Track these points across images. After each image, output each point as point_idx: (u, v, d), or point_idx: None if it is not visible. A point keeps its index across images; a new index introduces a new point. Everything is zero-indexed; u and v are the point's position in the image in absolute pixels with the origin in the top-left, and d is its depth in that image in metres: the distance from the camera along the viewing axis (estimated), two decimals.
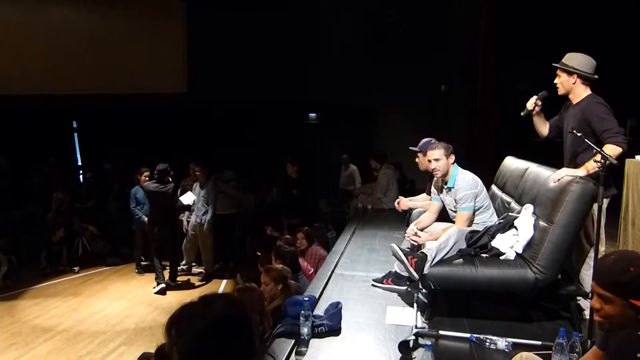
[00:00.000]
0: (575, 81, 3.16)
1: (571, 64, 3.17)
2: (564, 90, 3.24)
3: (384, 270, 3.99)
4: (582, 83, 3.17)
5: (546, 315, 3.22)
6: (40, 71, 10.37)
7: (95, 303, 6.51)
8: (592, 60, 3.18)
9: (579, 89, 3.18)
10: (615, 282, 1.56)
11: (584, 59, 3.17)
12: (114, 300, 6.77)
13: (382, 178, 7.40)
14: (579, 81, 3.16)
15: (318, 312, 3.22)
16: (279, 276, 3.78)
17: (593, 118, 3.07)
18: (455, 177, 3.66)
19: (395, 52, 9.78)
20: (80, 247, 8.44)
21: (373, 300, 3.58)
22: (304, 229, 5.89)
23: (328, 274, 4.15)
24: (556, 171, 3.10)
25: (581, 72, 3.14)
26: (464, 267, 3.10)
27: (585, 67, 3.15)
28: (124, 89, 10.22)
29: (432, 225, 3.87)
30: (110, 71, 10.26)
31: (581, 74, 3.14)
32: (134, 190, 7.64)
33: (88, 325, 5.87)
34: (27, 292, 7.01)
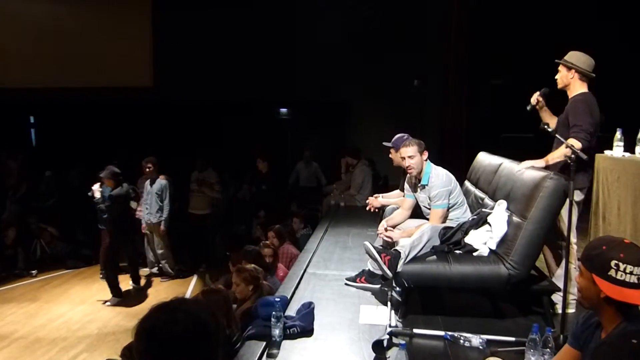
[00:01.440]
0: (573, 76, 3.35)
1: (571, 60, 3.37)
2: (562, 84, 3.43)
3: (357, 269, 4.00)
4: (579, 79, 3.35)
5: (519, 311, 3.29)
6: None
7: (55, 308, 6.34)
8: (591, 60, 3.37)
9: (575, 85, 3.37)
10: (587, 255, 1.70)
11: (583, 57, 3.36)
12: (75, 305, 6.59)
13: (358, 175, 7.41)
14: (577, 77, 3.35)
15: (290, 313, 3.20)
16: (250, 277, 3.75)
17: (571, 112, 3.27)
18: (429, 174, 3.69)
19: (369, 47, 9.86)
20: (38, 249, 8.20)
21: (346, 299, 3.59)
22: (274, 227, 5.86)
23: (300, 273, 4.14)
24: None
25: (579, 68, 3.32)
26: (437, 264, 3.13)
27: (583, 65, 3.34)
28: (87, 83, 10.00)
29: (405, 222, 3.89)
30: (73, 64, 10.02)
31: (579, 70, 3.32)
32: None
33: (47, 331, 5.71)
34: None
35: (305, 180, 8.90)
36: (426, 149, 3.72)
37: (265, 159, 8.43)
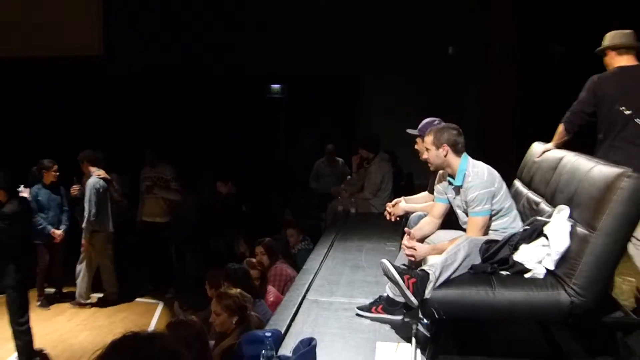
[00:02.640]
0: (609, 55, 4.09)
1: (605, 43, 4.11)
2: (610, 66, 4.09)
3: (372, 295, 4.00)
4: (616, 56, 4.05)
5: (585, 350, 3.27)
6: None
7: None
8: (623, 32, 4.05)
9: (612, 63, 4.08)
10: None
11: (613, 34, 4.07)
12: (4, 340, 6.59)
13: (375, 173, 7.36)
14: (613, 54, 4.07)
15: (284, 352, 3.21)
16: (235, 305, 3.77)
17: None
18: (465, 172, 3.65)
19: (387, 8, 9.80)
20: None
21: (358, 334, 3.59)
22: (264, 241, 5.88)
23: (298, 300, 4.14)
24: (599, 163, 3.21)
25: (611, 45, 4.06)
26: (478, 288, 3.11)
27: (613, 41, 4.06)
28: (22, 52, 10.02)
29: (436, 233, 3.88)
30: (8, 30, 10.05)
31: (612, 47, 4.05)
32: (35, 191, 7.46)
33: None
34: None
35: (329, 183, 8.69)
36: (459, 139, 3.69)
37: (227, 180, 8.48)
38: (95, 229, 7.46)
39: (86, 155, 7.50)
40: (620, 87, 3.92)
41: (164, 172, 8.11)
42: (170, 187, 8.12)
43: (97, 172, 7.41)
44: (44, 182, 7.50)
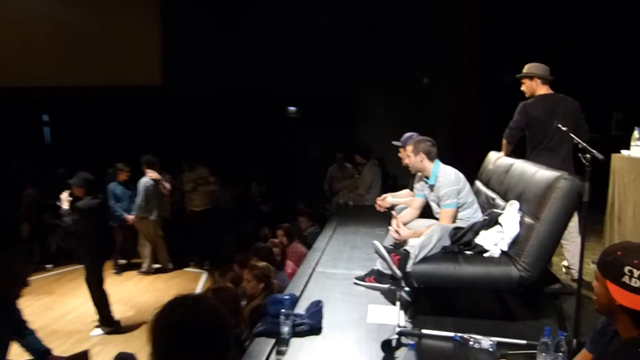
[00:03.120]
0: (537, 83, 4.02)
1: (531, 71, 4.04)
2: (529, 92, 4.06)
3: (366, 268, 3.94)
4: (541, 84, 4.01)
5: (531, 313, 3.21)
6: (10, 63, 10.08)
7: (70, 302, 6.36)
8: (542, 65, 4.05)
9: (537, 89, 4.02)
10: (601, 260, 1.64)
11: (540, 66, 4.05)
12: (88, 299, 6.57)
13: (367, 174, 7.32)
14: (539, 82, 4.01)
15: (299, 311, 3.16)
16: (262, 274, 3.72)
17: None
18: (437, 173, 3.64)
19: (378, 44, 9.75)
20: (53, 244, 8.24)
21: (355, 298, 3.53)
22: (284, 225, 5.82)
23: (309, 271, 4.09)
24: (541, 168, 3.16)
25: (540, 74, 3.98)
26: (447, 264, 3.06)
27: (542, 71, 4.01)
28: (98, 82, 10.01)
29: (415, 221, 3.83)
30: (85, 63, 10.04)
31: (540, 76, 3.98)
32: (112, 186, 7.47)
33: (62, 324, 5.73)
34: None
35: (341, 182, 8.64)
36: (432, 148, 3.68)
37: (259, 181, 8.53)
38: (143, 216, 7.42)
39: (144, 159, 7.46)
40: (546, 110, 3.91)
41: (201, 172, 8.04)
42: (210, 182, 8.05)
43: (150, 173, 7.34)
44: (119, 180, 7.50)
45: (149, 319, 1.37)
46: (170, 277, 7.54)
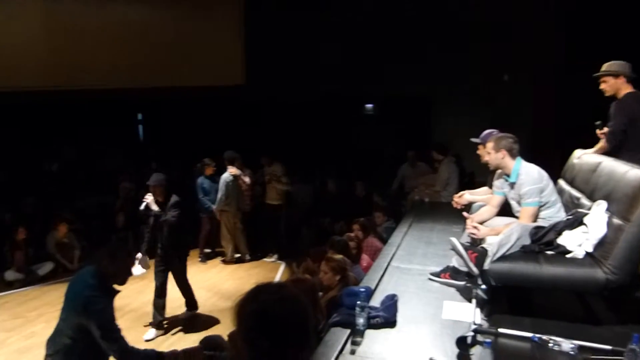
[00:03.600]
0: (622, 81, 3.85)
1: (612, 68, 3.88)
2: (611, 91, 3.90)
3: (441, 264, 3.89)
4: (625, 82, 3.86)
5: (618, 318, 3.02)
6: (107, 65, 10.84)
7: None
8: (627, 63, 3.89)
9: (621, 88, 3.87)
10: None
11: (622, 63, 3.88)
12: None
13: (443, 171, 7.18)
14: (623, 81, 3.85)
15: (374, 304, 3.18)
16: (338, 267, 3.78)
17: (611, 115, 3.90)
18: (518, 171, 3.51)
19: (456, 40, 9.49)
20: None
21: (430, 294, 3.50)
22: (360, 220, 5.85)
23: (384, 266, 4.09)
24: (633, 167, 2.97)
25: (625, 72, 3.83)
26: (527, 264, 2.96)
27: (625, 69, 3.85)
28: (186, 82, 10.50)
29: (493, 219, 3.72)
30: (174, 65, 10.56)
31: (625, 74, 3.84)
32: (200, 180, 7.85)
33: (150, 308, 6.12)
34: None
35: (414, 184, 8.42)
36: (513, 146, 3.55)
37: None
38: (224, 209, 7.71)
39: (226, 155, 7.74)
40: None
41: (276, 170, 8.23)
42: (281, 181, 8.22)
43: (231, 169, 7.63)
44: (206, 174, 7.86)
45: (231, 305, 1.42)
46: (250, 267, 7.82)
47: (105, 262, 3.11)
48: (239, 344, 1.40)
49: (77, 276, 3.20)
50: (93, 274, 3.11)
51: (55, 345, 3.07)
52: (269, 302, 1.37)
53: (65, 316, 3.06)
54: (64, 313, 3.08)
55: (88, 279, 3.08)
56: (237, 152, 7.83)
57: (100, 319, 2.98)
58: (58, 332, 3.09)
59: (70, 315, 3.02)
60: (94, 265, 3.15)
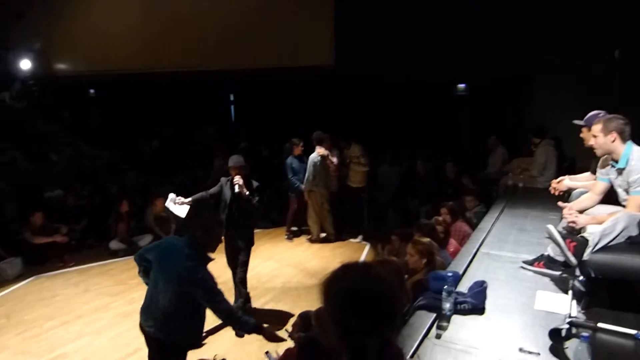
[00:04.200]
0: None
1: None
2: None
3: (534, 253, 3.73)
4: None
5: None
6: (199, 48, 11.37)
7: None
8: None
9: None
10: None
11: None
12: (264, 260, 7.33)
13: (540, 155, 6.78)
14: None
15: (461, 289, 3.14)
16: (424, 250, 3.76)
17: None
18: (629, 156, 3.22)
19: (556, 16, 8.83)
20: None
21: (521, 283, 3.38)
22: (448, 204, 5.75)
23: (473, 251, 4.01)
24: None
25: None
26: (633, 256, 2.76)
27: None
28: (276, 64, 10.74)
29: (596, 207, 3.48)
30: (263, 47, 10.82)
31: None
32: (289, 160, 8.06)
33: None
34: None
35: (491, 168, 8.28)
36: (625, 128, 3.26)
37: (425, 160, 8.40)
38: (312, 190, 7.85)
39: (315, 135, 7.85)
40: None
41: (354, 151, 8.25)
42: (360, 162, 8.21)
43: (318, 149, 7.74)
44: (294, 154, 8.06)
45: (317, 282, 1.45)
46: (335, 247, 7.97)
47: (199, 233, 3.35)
48: (326, 321, 1.44)
49: (169, 248, 3.41)
50: (188, 244, 3.36)
51: (153, 313, 3.33)
52: (358, 281, 1.39)
53: (164, 286, 3.29)
54: (162, 284, 3.31)
55: (185, 250, 3.33)
56: (325, 132, 7.93)
57: (206, 285, 3.23)
58: (154, 301, 3.33)
59: (171, 285, 3.26)
60: (187, 236, 3.40)
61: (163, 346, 3.34)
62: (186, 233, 3.46)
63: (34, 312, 5.71)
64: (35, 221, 7.37)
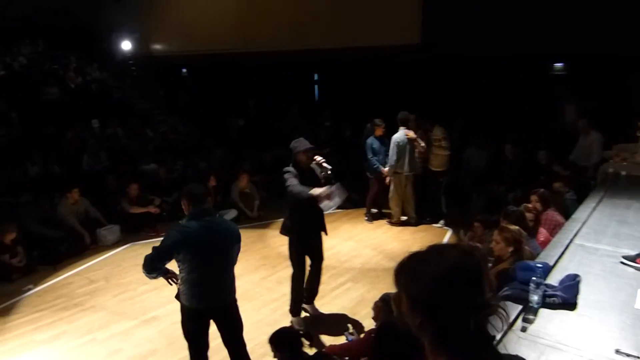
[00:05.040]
0: None
1: None
2: None
3: (637, 248, 3.43)
4: None
5: None
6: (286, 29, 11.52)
7: (328, 241, 6.98)
8: None
9: None
10: None
11: None
12: (343, 240, 7.39)
13: None
14: None
15: (551, 282, 2.96)
16: (512, 238, 3.59)
17: None
18: None
19: None
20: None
21: (620, 279, 3.12)
22: (539, 191, 5.42)
23: (566, 242, 3.75)
24: None
25: None
26: None
27: None
28: (359, 42, 10.61)
29: None
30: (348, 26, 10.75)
31: None
32: (370, 141, 7.97)
33: None
34: (274, 223, 8.13)
35: (580, 155, 7.72)
36: None
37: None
38: (396, 171, 7.71)
39: (399, 116, 7.67)
40: None
41: (436, 134, 7.96)
42: (442, 146, 7.93)
43: (404, 130, 7.58)
44: (375, 135, 7.96)
45: (395, 265, 1.39)
46: (416, 230, 7.85)
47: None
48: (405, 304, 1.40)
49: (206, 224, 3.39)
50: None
51: (220, 285, 3.55)
52: (451, 260, 1.35)
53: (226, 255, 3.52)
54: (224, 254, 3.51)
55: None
56: (410, 113, 7.76)
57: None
58: (219, 275, 3.52)
59: (234, 247, 3.56)
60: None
61: (234, 304, 3.65)
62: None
63: (129, 277, 6.18)
64: (132, 192, 7.92)
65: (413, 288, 1.35)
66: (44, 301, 5.61)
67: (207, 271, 3.41)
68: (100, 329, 4.93)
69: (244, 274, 6.15)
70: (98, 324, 5.04)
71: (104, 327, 4.96)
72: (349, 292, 5.63)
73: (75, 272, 6.47)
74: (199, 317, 3.51)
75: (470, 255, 1.34)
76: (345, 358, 3.56)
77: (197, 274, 3.38)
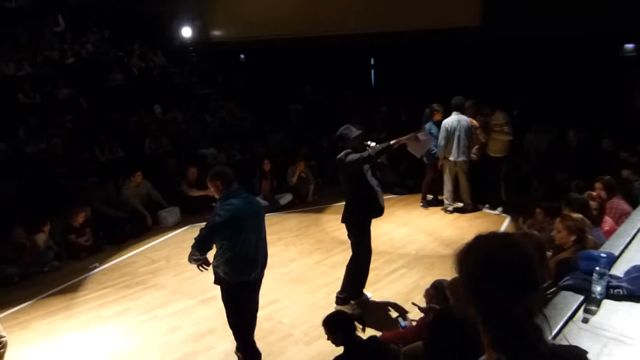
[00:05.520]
0: None
1: None
2: None
3: None
4: None
5: None
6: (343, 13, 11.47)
7: (383, 226, 7.10)
8: None
9: None
10: None
11: None
12: (399, 226, 7.38)
13: None
14: None
15: (615, 273, 2.86)
16: (574, 227, 3.47)
17: None
18: None
19: None
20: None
21: None
22: (603, 178, 5.20)
23: (632, 232, 3.59)
24: None
25: None
26: None
27: None
28: (418, 26, 10.41)
29: None
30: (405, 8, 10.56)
31: None
32: (428, 126, 7.84)
33: (375, 244, 6.45)
34: (329, 207, 8.23)
35: None
36: None
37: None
38: (445, 157, 7.57)
39: (454, 101, 7.49)
40: None
41: (498, 118, 7.67)
42: (503, 131, 7.63)
43: (456, 115, 7.40)
44: (434, 120, 7.83)
45: (451, 252, 1.42)
46: (472, 217, 7.72)
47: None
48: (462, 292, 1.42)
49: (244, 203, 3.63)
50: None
51: (261, 258, 3.78)
52: (498, 248, 1.35)
53: (260, 232, 3.75)
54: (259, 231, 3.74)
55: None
56: (468, 98, 7.58)
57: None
58: (257, 251, 3.70)
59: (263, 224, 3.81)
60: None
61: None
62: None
63: None
64: (191, 175, 8.21)
65: (461, 274, 1.39)
66: (109, 279, 5.96)
67: (252, 244, 3.64)
68: (161, 307, 5.18)
69: (298, 257, 6.29)
70: (159, 302, 5.30)
71: (165, 305, 5.21)
72: (403, 278, 5.64)
73: (138, 252, 6.81)
74: (245, 290, 3.73)
75: (513, 247, 1.34)
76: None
77: (244, 248, 3.59)
